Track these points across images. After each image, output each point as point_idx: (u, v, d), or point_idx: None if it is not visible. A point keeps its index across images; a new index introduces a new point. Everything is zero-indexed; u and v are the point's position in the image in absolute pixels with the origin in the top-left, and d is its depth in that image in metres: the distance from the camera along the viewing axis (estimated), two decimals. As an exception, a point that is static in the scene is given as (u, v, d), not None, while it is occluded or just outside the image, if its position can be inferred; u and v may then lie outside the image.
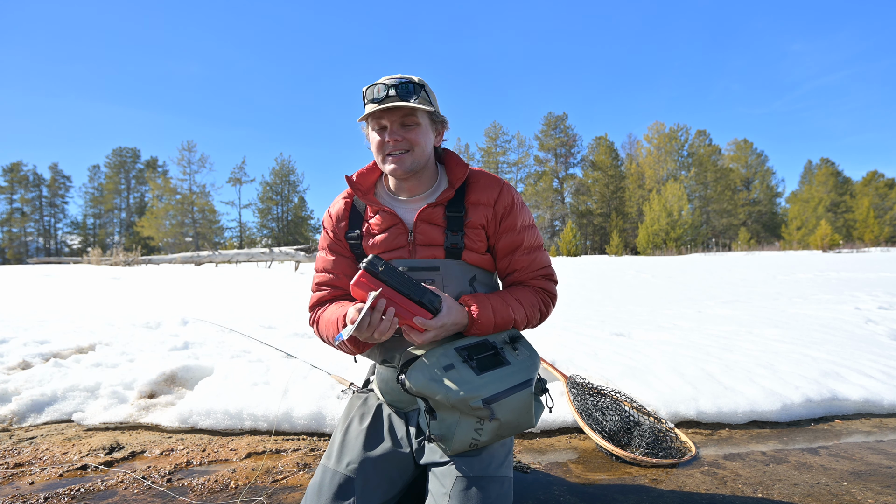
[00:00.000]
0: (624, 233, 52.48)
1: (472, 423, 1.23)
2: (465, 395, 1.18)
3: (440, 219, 1.40)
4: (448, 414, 1.24)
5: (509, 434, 1.28)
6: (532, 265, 1.47)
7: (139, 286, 9.48)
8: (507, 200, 1.43)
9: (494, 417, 1.21)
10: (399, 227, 1.41)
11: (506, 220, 1.43)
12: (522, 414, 1.25)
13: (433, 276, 1.38)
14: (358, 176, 1.50)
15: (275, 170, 60.15)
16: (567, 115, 59.10)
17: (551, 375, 2.65)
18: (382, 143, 1.37)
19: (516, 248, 1.45)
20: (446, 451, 1.27)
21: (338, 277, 1.48)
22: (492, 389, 1.21)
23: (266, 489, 1.72)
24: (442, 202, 1.40)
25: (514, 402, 1.23)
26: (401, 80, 1.35)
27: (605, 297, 7.16)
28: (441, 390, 1.19)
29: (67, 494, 1.68)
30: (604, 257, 32.42)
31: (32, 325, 4.44)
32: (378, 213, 1.44)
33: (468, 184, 1.44)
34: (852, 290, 7.21)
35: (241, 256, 18.66)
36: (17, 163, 56.52)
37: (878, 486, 1.71)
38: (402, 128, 1.36)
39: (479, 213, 1.41)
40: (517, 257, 1.46)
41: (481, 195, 1.42)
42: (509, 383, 1.24)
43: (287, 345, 3.46)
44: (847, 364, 2.92)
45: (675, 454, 1.95)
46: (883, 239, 45.17)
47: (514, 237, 1.44)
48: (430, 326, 1.23)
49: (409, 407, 1.43)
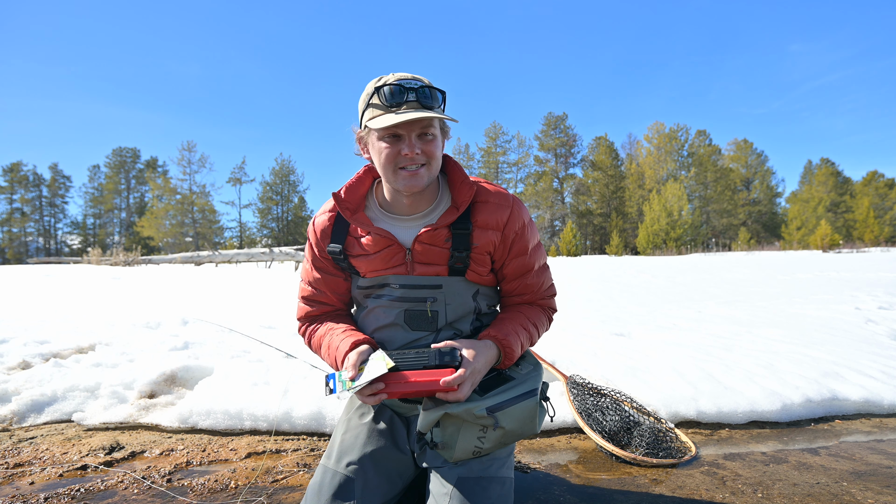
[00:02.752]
0: (624, 233, 52.48)
1: (475, 431, 1.22)
2: (468, 406, 1.19)
3: (442, 240, 1.30)
4: (451, 422, 1.24)
5: (512, 441, 1.28)
6: (542, 287, 1.43)
7: (139, 286, 9.48)
8: (517, 224, 1.32)
9: (499, 426, 1.20)
10: (394, 247, 1.31)
11: (516, 244, 1.34)
12: (526, 422, 1.25)
13: (435, 295, 1.32)
14: (346, 191, 1.35)
15: (275, 170, 60.22)
16: (567, 115, 59.18)
17: (551, 375, 2.65)
18: (396, 155, 1.21)
19: (527, 271, 1.38)
20: (448, 458, 1.26)
21: (323, 294, 1.44)
22: (496, 399, 1.21)
23: (266, 489, 1.72)
24: (444, 225, 1.28)
25: (518, 412, 1.22)
26: (421, 84, 1.20)
27: (605, 297, 7.15)
28: (443, 410, 1.21)
29: (67, 494, 1.68)
30: (604, 257, 32.40)
31: (32, 325, 4.43)
32: (369, 234, 1.32)
33: (474, 203, 1.32)
34: (852, 290, 7.20)
35: (241, 256, 18.66)
36: (17, 163, 56.59)
37: (878, 486, 1.71)
38: (419, 139, 1.22)
39: (486, 237, 1.30)
40: (529, 281, 1.39)
41: (490, 217, 1.30)
42: (513, 394, 1.24)
43: (287, 345, 3.46)
44: (847, 364, 2.91)
45: (675, 454, 1.95)
46: (883, 239, 45.16)
47: (524, 261, 1.36)
48: (461, 378, 1.16)
49: (411, 412, 1.42)
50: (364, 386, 1.14)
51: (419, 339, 1.33)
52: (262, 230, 59.76)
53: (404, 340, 1.33)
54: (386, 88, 1.19)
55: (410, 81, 1.21)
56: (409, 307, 1.32)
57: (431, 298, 1.31)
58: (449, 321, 1.34)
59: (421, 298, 1.31)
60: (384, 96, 1.20)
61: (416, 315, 1.32)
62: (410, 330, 1.33)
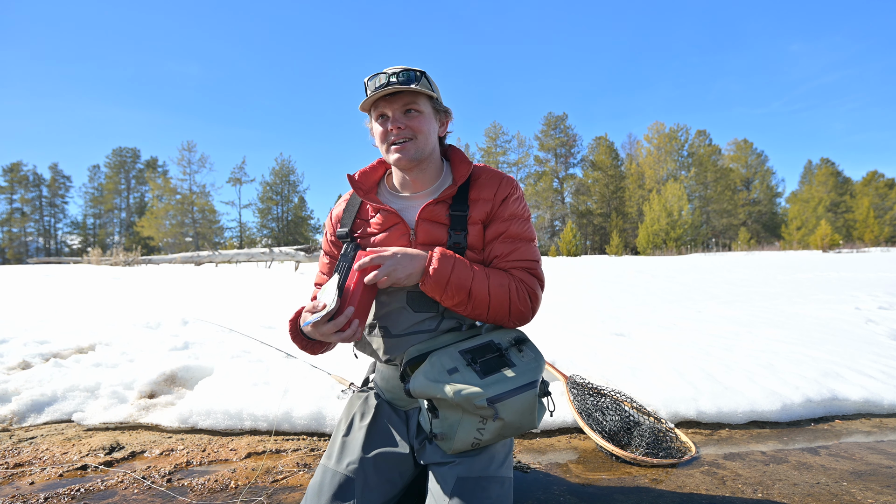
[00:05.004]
0: (624, 233, 52.49)
1: (474, 422, 1.22)
2: (468, 395, 1.18)
3: (443, 217, 1.38)
4: (451, 412, 1.24)
5: (511, 434, 1.27)
6: (513, 254, 1.38)
7: (139, 286, 9.47)
8: (504, 192, 1.41)
9: (498, 417, 1.19)
10: (400, 226, 1.40)
11: (498, 208, 1.41)
12: (526, 415, 1.24)
13: None
14: (360, 175, 1.50)
15: (275, 170, 60.22)
16: (567, 115, 59.20)
17: (551, 375, 2.65)
18: (386, 132, 1.36)
19: (500, 234, 1.40)
20: (447, 450, 1.26)
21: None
22: (497, 389, 1.20)
23: (266, 489, 1.72)
24: (445, 199, 1.38)
25: (518, 403, 1.22)
26: (403, 69, 1.34)
27: (605, 297, 7.15)
28: (444, 392, 1.19)
29: (67, 494, 1.68)
30: (604, 257, 32.40)
31: (32, 325, 4.43)
32: (379, 213, 1.43)
33: (472, 180, 1.43)
34: (852, 290, 7.20)
35: (241, 256, 18.66)
36: (17, 163, 56.60)
37: (878, 486, 1.71)
38: (404, 115, 1.36)
39: (479, 208, 1.40)
40: (498, 243, 1.39)
41: (483, 191, 1.41)
42: (514, 384, 1.22)
43: (287, 345, 3.46)
44: (847, 364, 2.91)
45: (675, 454, 1.95)
46: (883, 239, 45.17)
47: (500, 225, 1.40)
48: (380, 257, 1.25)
49: (410, 405, 1.43)
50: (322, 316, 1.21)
51: (423, 321, 1.35)
52: (262, 230, 59.82)
53: (409, 322, 1.36)
54: (374, 77, 1.36)
55: (395, 69, 1.35)
56: (412, 289, 1.36)
57: None
58: None
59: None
60: (374, 83, 1.35)
61: (417, 296, 1.36)
62: (414, 311, 1.36)
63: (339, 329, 1.22)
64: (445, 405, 1.24)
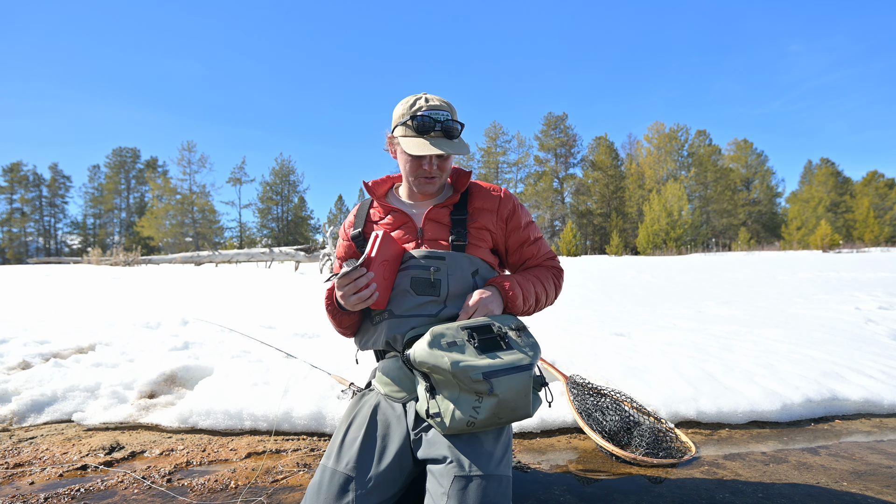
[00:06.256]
0: (624, 233, 52.45)
1: (470, 400, 1.25)
2: (465, 366, 1.23)
3: (446, 219, 1.57)
4: (448, 391, 1.27)
5: (506, 418, 1.29)
6: (539, 253, 1.68)
7: (139, 286, 9.48)
8: (508, 205, 1.62)
9: (493, 392, 1.23)
10: (409, 224, 1.58)
11: (511, 221, 1.62)
12: (521, 397, 1.27)
13: (439, 265, 1.50)
14: (373, 183, 1.72)
15: (275, 170, 60.14)
16: (567, 115, 59.04)
17: (551, 375, 2.65)
18: (418, 167, 1.53)
19: (524, 241, 1.66)
20: (443, 431, 1.29)
21: None
22: (493, 365, 1.25)
23: (266, 489, 1.72)
24: (448, 205, 1.59)
25: (513, 381, 1.25)
26: (447, 117, 1.48)
27: (605, 297, 7.15)
28: (442, 360, 1.24)
29: (67, 494, 1.68)
30: (604, 257, 32.37)
31: (32, 325, 4.44)
32: (390, 213, 1.62)
33: (470, 192, 1.63)
34: (852, 290, 7.20)
35: (241, 256, 18.66)
36: (17, 163, 56.54)
37: (878, 486, 1.71)
38: (437, 158, 1.53)
39: (483, 217, 1.59)
40: (526, 248, 1.66)
41: (484, 202, 1.61)
42: (510, 364, 1.27)
43: (287, 345, 3.46)
44: (847, 364, 2.92)
45: (675, 454, 1.95)
46: (883, 239, 45.14)
47: (521, 234, 1.65)
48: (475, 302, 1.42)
49: (409, 396, 1.45)
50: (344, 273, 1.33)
51: (425, 304, 1.46)
52: (262, 230, 59.75)
53: (412, 304, 1.46)
54: (418, 118, 1.47)
55: (439, 113, 1.47)
56: (415, 274, 1.47)
57: (435, 267, 1.48)
58: (451, 292, 1.47)
59: (426, 267, 1.49)
60: (417, 124, 1.47)
61: (421, 281, 1.47)
62: (416, 295, 1.46)
63: (358, 290, 1.35)
64: (442, 384, 1.28)
